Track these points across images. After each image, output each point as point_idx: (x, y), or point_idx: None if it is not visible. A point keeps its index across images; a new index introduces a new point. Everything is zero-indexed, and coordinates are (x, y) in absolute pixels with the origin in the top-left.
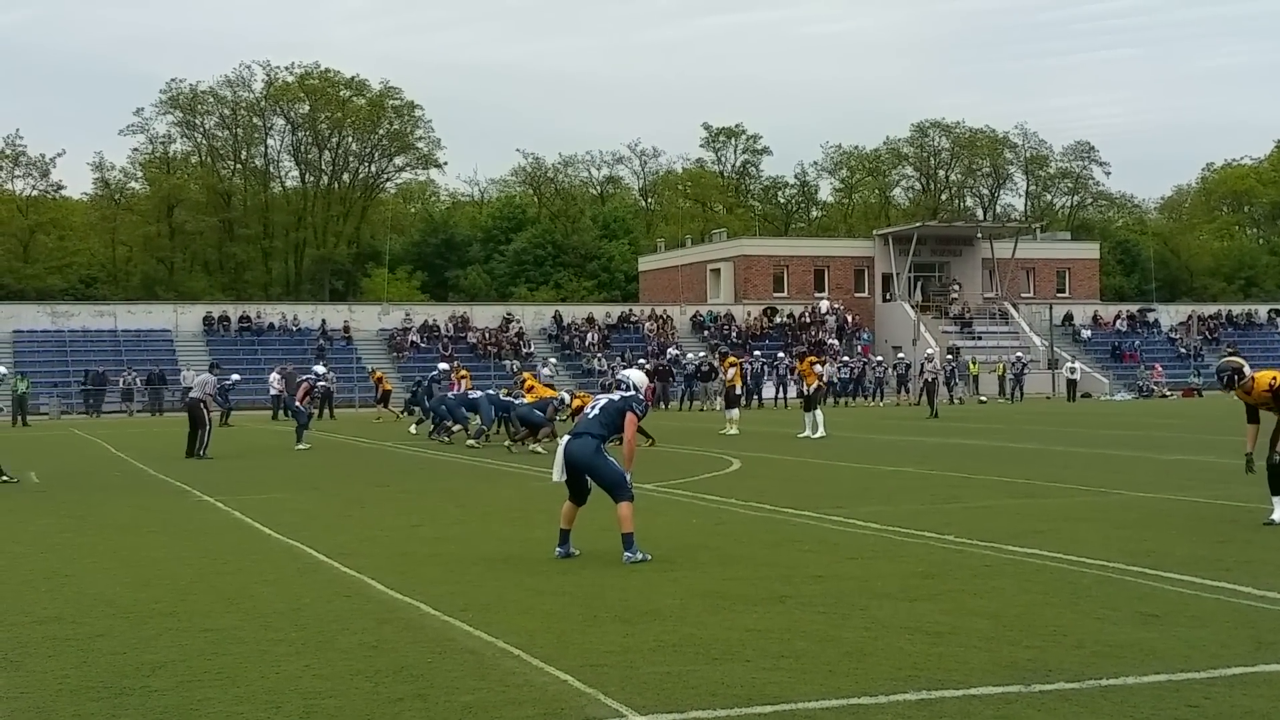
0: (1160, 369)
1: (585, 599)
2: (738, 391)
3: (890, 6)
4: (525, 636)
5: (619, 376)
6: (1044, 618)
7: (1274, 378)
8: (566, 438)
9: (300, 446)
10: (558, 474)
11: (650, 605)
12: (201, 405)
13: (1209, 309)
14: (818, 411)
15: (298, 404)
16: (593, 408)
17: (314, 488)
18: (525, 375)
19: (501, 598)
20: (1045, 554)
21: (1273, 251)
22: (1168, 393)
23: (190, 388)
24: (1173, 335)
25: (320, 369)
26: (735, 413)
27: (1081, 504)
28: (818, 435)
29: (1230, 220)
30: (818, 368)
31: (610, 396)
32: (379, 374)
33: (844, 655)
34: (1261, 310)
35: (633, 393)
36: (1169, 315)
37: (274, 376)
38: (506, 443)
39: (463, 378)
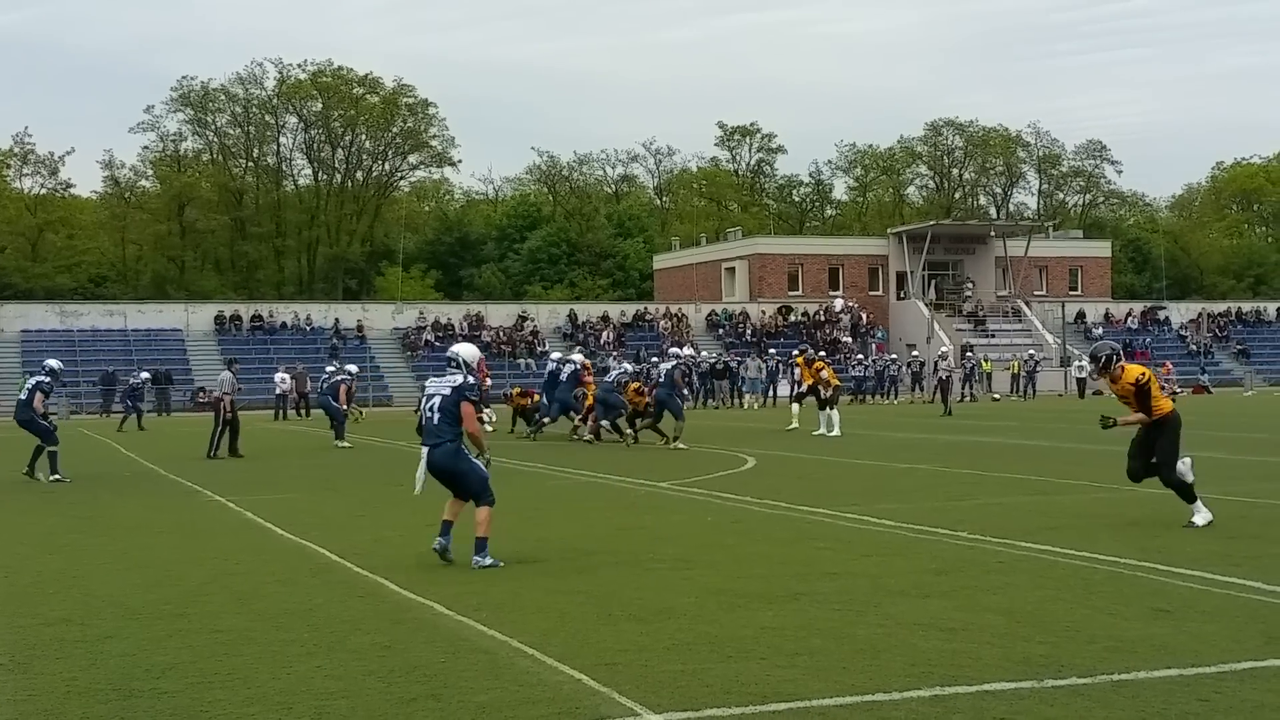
0: (1170, 366)
1: (600, 598)
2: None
3: (904, 6)
4: (539, 636)
5: (449, 354)
6: (1056, 614)
7: (1143, 373)
8: (426, 449)
9: (342, 444)
10: (419, 486)
11: (665, 604)
12: (221, 404)
13: (1219, 307)
14: (834, 411)
15: (335, 404)
16: (430, 409)
17: (327, 487)
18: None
19: (516, 597)
20: (1058, 550)
21: None
22: (1178, 390)
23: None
24: (1183, 333)
25: (353, 368)
26: (796, 408)
27: (1094, 501)
28: (833, 434)
29: (1240, 218)
30: (824, 373)
31: (442, 390)
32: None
33: (858, 652)
34: (1270, 308)
35: (464, 379)
36: (1179, 313)
37: (280, 375)
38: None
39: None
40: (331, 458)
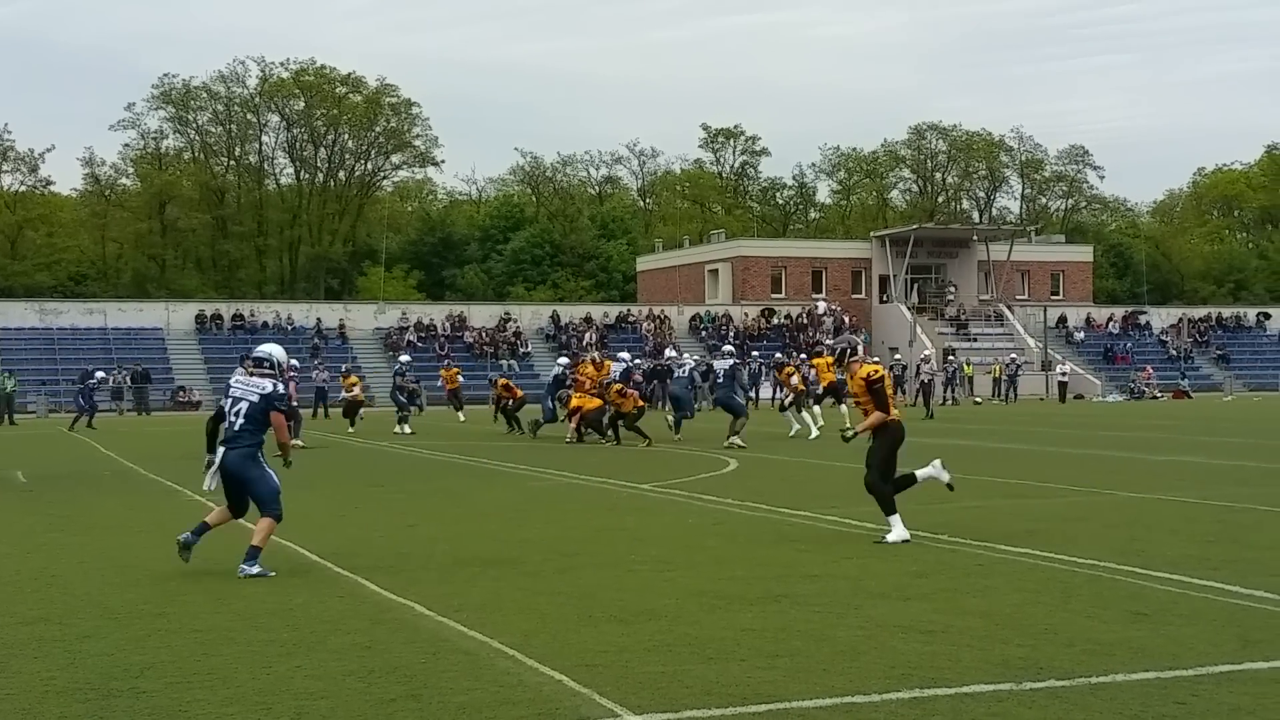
0: (1151, 371)
1: (581, 599)
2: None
3: (889, 11)
4: (520, 637)
5: (256, 354)
6: (1035, 616)
7: (875, 370)
8: (223, 449)
9: (405, 430)
10: (209, 483)
11: (646, 605)
12: None
13: (1199, 312)
14: (814, 409)
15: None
16: (235, 413)
17: (307, 487)
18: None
19: (497, 597)
20: (1037, 553)
21: (1262, 255)
22: (1158, 394)
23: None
24: (1164, 338)
25: (405, 357)
26: (806, 415)
27: (1073, 504)
28: (812, 436)
29: (1220, 224)
30: (795, 379)
31: (249, 396)
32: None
33: (838, 654)
34: (1250, 313)
35: (273, 386)
36: (1160, 318)
37: None
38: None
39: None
40: (312, 458)
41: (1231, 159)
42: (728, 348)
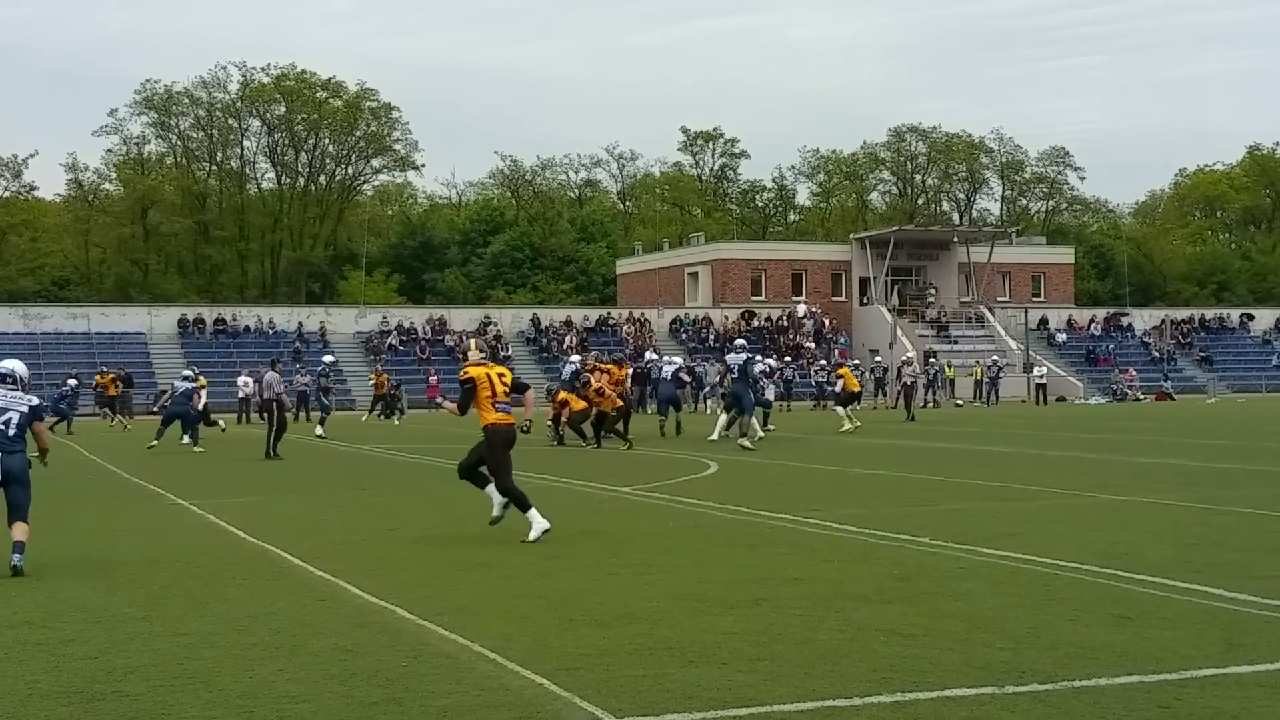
0: (1134, 372)
1: (562, 602)
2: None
3: (868, 13)
4: (501, 640)
5: (3, 369)
6: (1018, 619)
7: (465, 373)
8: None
9: (197, 449)
10: None
11: (627, 608)
12: (275, 404)
13: (1182, 313)
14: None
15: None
16: (5, 423)
17: (290, 491)
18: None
19: (478, 601)
20: (1019, 556)
21: (1245, 256)
22: (1141, 396)
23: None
24: (1146, 339)
25: (329, 358)
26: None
27: (1055, 507)
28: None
29: (1203, 225)
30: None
31: (18, 408)
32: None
33: (819, 657)
34: (1234, 314)
35: (32, 398)
36: (1142, 319)
37: (243, 379)
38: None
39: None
40: (295, 461)
41: (1213, 160)
42: (740, 341)
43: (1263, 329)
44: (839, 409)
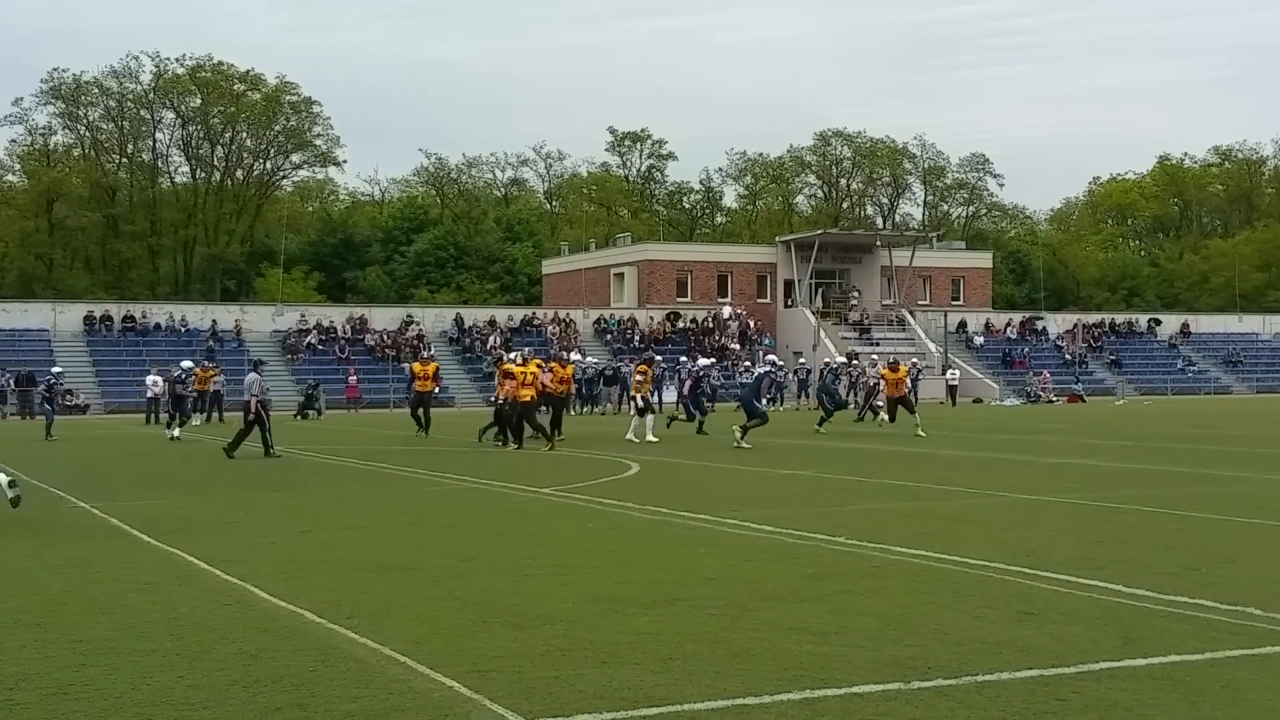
0: (1047, 375)
1: (476, 604)
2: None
3: (796, 18)
4: (412, 643)
5: None
6: (926, 617)
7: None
8: None
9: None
10: None
11: (542, 610)
12: (255, 404)
13: (1093, 318)
14: (649, 417)
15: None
16: None
17: (198, 492)
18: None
19: (390, 604)
20: (931, 555)
21: (1153, 263)
22: (1053, 398)
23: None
24: (1059, 343)
25: (187, 363)
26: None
27: (968, 506)
28: (647, 440)
29: (1115, 233)
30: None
31: None
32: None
33: (732, 656)
34: (1142, 319)
35: None
36: (1056, 323)
37: (152, 378)
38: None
39: None
40: (205, 462)
41: (1125, 169)
42: (772, 358)
43: (1169, 334)
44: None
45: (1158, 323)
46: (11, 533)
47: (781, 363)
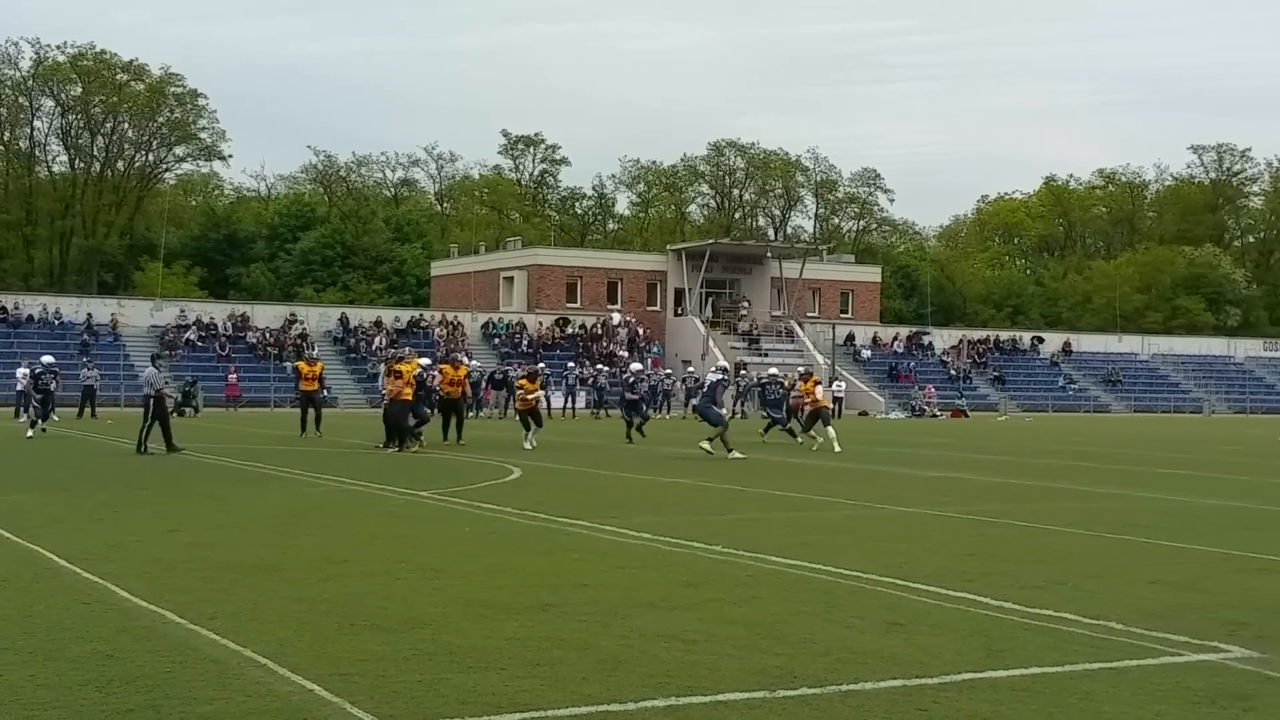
0: (932, 389)
1: (343, 607)
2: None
3: (696, 28)
4: (275, 645)
5: None
6: (796, 626)
7: None
8: None
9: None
10: None
11: (411, 613)
12: (154, 399)
13: (979, 334)
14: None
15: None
16: None
17: (63, 489)
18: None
19: (255, 605)
20: (805, 565)
21: (1038, 282)
22: (938, 413)
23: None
24: (945, 358)
25: (48, 359)
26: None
27: (845, 518)
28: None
29: (1001, 251)
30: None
31: None
32: None
33: (599, 663)
34: (1026, 337)
35: None
36: (942, 339)
37: (22, 371)
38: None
39: None
40: (74, 459)
41: (1013, 188)
42: (722, 363)
43: (1051, 351)
44: (828, 431)
45: (1041, 340)
46: None
47: (728, 369)
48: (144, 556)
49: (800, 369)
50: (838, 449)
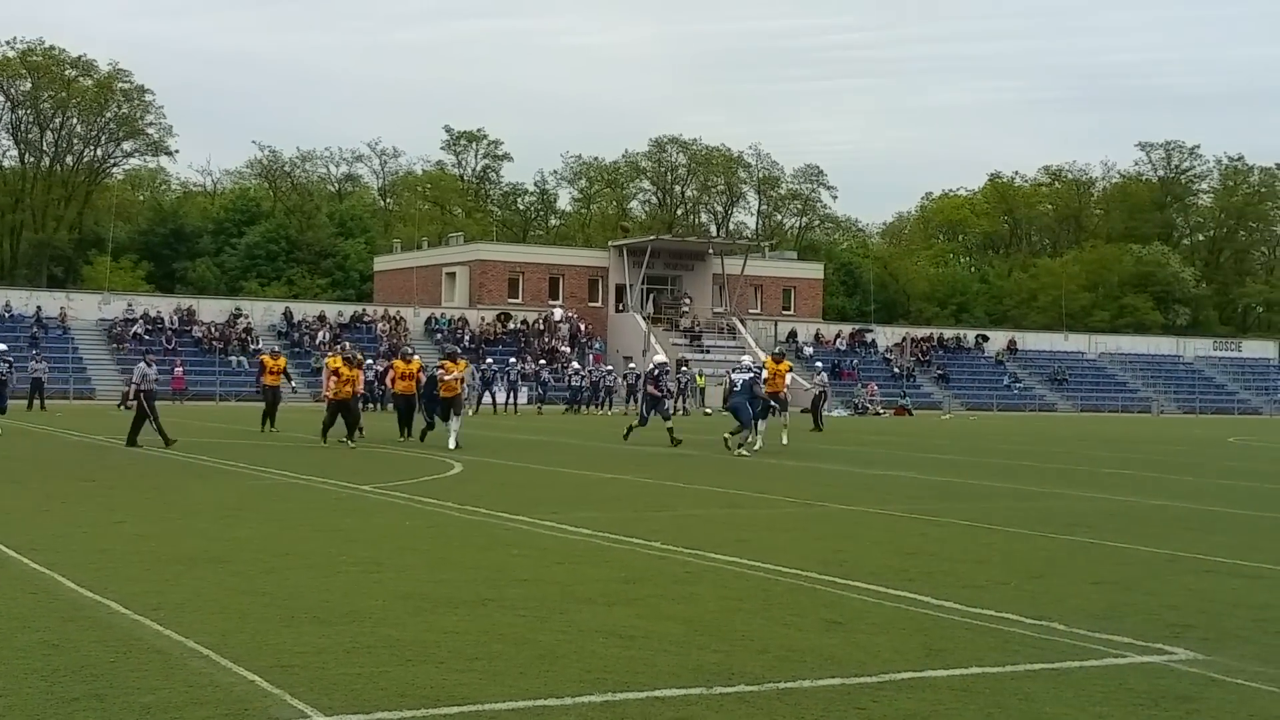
0: (875, 387)
1: (285, 600)
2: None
3: (636, 25)
4: (217, 636)
5: None
6: (735, 623)
7: None
8: None
9: None
10: None
11: (351, 606)
12: (146, 394)
13: (922, 332)
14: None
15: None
16: None
17: (11, 480)
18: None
19: (198, 596)
20: (744, 562)
21: (983, 280)
22: (881, 410)
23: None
24: (888, 355)
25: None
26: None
27: (786, 515)
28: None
29: (945, 248)
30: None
31: None
32: None
33: (537, 658)
34: (970, 335)
35: None
36: (885, 336)
37: None
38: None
39: None
40: (21, 450)
41: (957, 185)
42: (747, 360)
43: (996, 349)
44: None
45: (985, 339)
46: None
47: (759, 365)
48: (90, 547)
49: (776, 350)
50: (785, 441)
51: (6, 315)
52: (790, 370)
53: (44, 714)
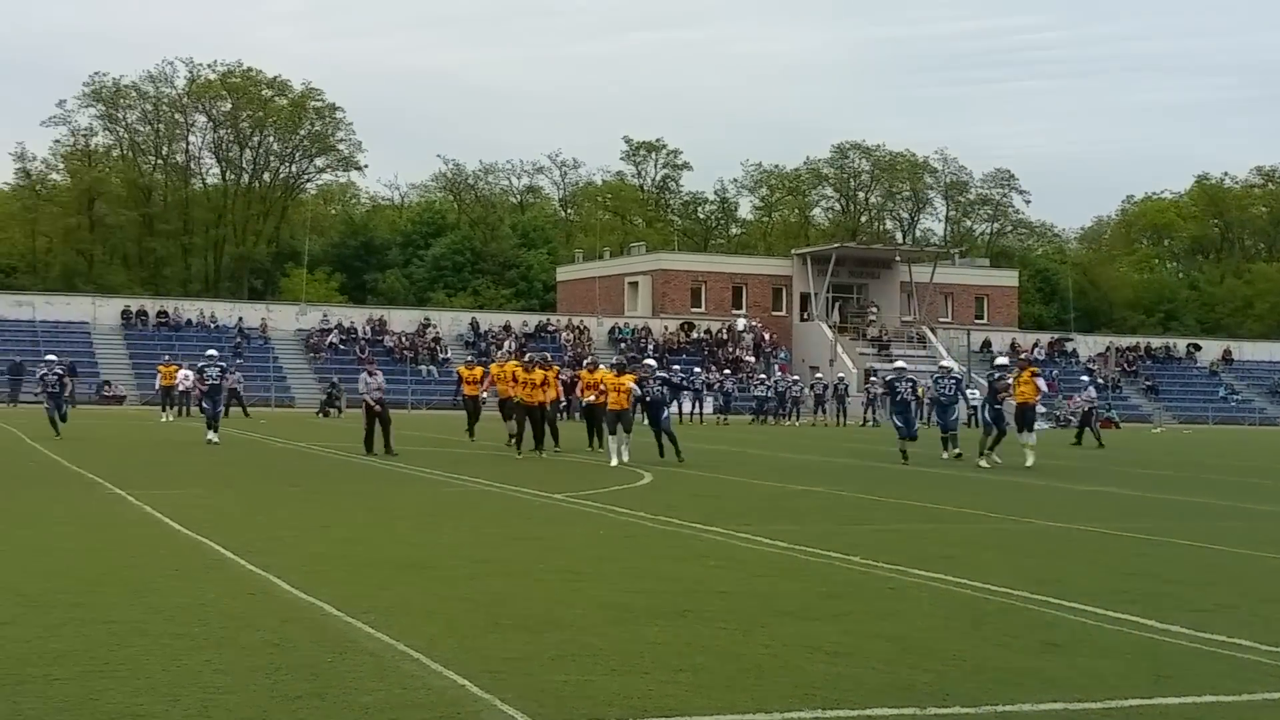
0: (1094, 392)
1: (489, 606)
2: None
3: (815, 30)
4: (427, 640)
5: None
6: (945, 642)
7: None
8: None
9: None
10: None
11: (553, 615)
12: (380, 404)
13: (1127, 341)
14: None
15: None
16: None
17: (227, 485)
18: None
19: (405, 601)
20: (950, 579)
21: (1192, 286)
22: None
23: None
24: (1090, 366)
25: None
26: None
27: (990, 531)
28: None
29: (1150, 253)
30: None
31: None
32: None
33: (743, 671)
34: (1180, 344)
35: None
36: (1087, 345)
37: (183, 373)
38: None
39: None
40: (232, 456)
41: (1161, 188)
42: (946, 364)
43: (1210, 360)
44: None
45: (1197, 348)
46: (53, 516)
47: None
48: (301, 551)
49: (1022, 358)
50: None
51: (212, 325)
52: (1037, 374)
53: (270, 710)
